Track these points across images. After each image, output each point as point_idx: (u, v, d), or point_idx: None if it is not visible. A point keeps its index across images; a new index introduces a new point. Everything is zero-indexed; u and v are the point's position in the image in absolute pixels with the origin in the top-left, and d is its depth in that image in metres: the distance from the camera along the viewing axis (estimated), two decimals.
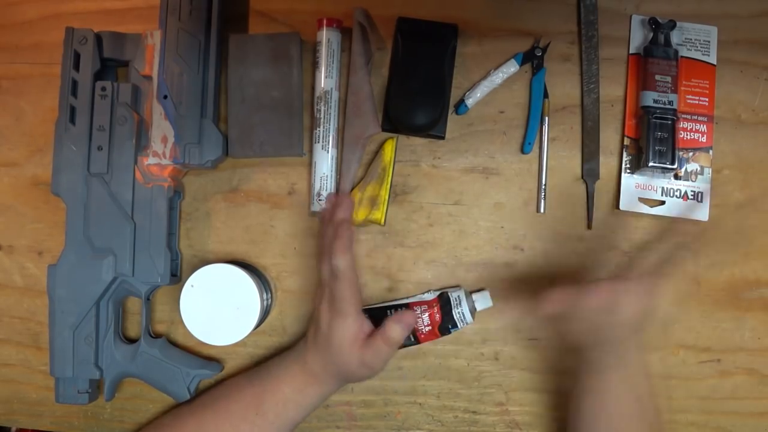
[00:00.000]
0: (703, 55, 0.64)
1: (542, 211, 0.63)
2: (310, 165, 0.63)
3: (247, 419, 0.56)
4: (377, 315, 0.61)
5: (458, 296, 0.61)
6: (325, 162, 0.62)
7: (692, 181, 0.63)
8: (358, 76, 0.61)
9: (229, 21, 0.63)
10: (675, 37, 0.63)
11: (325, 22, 0.61)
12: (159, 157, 0.59)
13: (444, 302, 0.61)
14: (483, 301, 0.62)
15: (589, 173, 0.63)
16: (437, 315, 0.61)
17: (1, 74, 0.65)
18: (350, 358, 0.54)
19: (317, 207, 0.62)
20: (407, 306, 0.61)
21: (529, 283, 0.63)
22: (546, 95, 0.63)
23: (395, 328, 0.53)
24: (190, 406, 0.60)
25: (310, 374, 0.57)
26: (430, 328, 0.61)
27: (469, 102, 0.63)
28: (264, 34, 0.62)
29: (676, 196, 0.63)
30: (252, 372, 0.61)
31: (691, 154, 0.63)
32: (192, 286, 0.58)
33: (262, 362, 0.63)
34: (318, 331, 0.56)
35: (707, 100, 0.63)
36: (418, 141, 0.64)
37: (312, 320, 0.58)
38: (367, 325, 0.55)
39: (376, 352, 0.54)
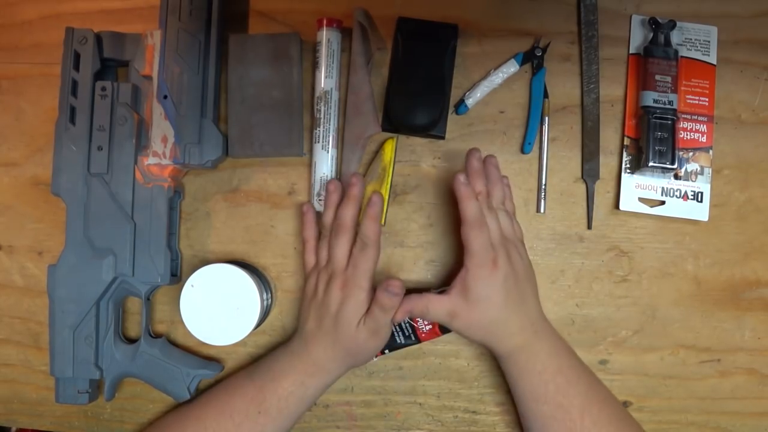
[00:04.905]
0: (703, 55, 0.64)
1: (542, 211, 0.63)
2: (310, 165, 0.63)
3: (250, 417, 0.56)
4: None
5: None
6: (325, 162, 0.62)
7: (692, 181, 0.63)
8: (358, 76, 0.61)
9: (229, 21, 0.63)
10: (675, 37, 0.63)
11: (325, 22, 0.61)
12: (159, 157, 0.59)
13: None
14: None
15: (589, 173, 0.63)
16: None
17: (1, 74, 0.65)
18: (359, 333, 0.55)
19: (318, 207, 0.62)
20: None
21: None
22: (546, 95, 0.63)
23: (385, 295, 0.54)
24: (191, 405, 0.60)
25: (314, 365, 0.57)
26: (430, 326, 0.61)
27: (469, 102, 0.63)
28: (264, 34, 0.62)
29: (676, 196, 0.63)
30: (252, 368, 0.61)
31: (691, 154, 0.63)
32: (192, 286, 0.58)
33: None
34: (325, 316, 0.56)
35: (707, 100, 0.63)
36: (418, 141, 0.64)
37: (309, 311, 0.58)
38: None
39: (376, 320, 0.55)
